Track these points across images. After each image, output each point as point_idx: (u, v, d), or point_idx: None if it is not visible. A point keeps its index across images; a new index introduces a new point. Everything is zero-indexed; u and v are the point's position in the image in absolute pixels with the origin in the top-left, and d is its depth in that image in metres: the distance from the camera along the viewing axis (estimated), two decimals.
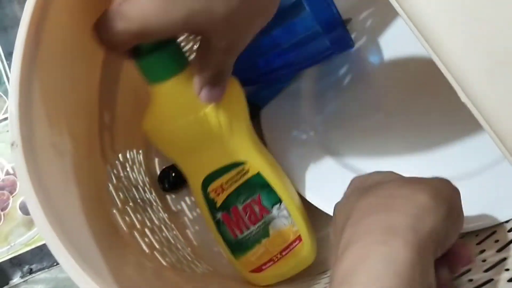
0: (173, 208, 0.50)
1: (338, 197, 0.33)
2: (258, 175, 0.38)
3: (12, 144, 0.25)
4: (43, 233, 0.24)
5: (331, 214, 0.33)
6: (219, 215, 0.39)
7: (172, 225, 0.48)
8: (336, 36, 0.44)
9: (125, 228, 0.35)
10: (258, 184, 0.38)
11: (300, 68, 0.48)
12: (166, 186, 0.48)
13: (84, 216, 0.30)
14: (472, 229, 0.36)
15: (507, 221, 0.35)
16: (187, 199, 0.50)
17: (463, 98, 0.24)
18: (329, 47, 0.44)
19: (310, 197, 0.42)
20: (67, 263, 0.25)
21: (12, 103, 0.25)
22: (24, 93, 0.25)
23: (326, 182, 0.43)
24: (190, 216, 0.50)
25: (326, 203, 0.41)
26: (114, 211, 0.36)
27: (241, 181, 0.38)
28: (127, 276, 0.30)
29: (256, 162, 0.38)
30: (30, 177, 0.25)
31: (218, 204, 0.38)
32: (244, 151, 0.37)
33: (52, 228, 0.25)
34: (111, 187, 0.37)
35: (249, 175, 0.38)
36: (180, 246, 0.45)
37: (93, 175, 0.34)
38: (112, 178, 0.38)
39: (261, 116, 0.49)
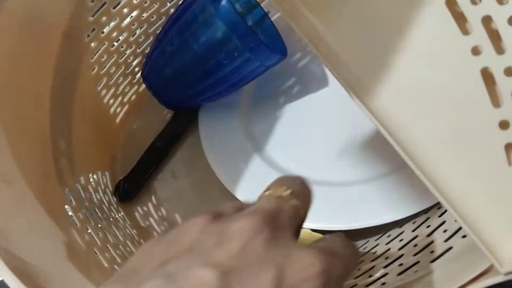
0: (142, 224, 0.52)
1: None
2: None
3: None
4: None
5: None
6: None
7: (141, 240, 0.50)
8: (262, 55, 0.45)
9: (83, 246, 0.38)
10: None
11: (240, 85, 0.49)
12: (122, 193, 0.50)
13: (38, 239, 0.33)
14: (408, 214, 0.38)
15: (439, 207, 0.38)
16: (154, 214, 0.52)
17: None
18: (259, 65, 0.46)
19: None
20: None
21: None
22: None
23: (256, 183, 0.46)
24: (159, 230, 0.52)
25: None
26: (73, 230, 0.38)
27: None
28: None
29: None
30: None
31: None
32: None
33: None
34: (69, 209, 0.40)
35: None
36: None
37: (47, 199, 0.36)
38: (71, 201, 0.41)
39: (199, 117, 0.52)
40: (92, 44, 0.44)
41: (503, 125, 0.24)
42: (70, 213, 0.39)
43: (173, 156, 0.54)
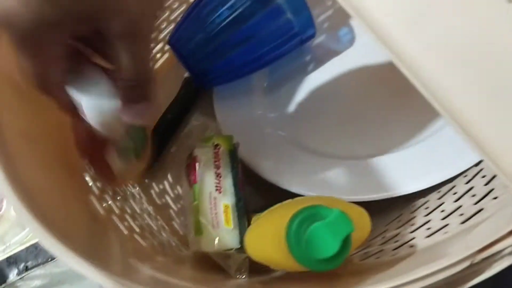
0: (158, 201, 0.52)
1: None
2: None
3: None
4: (23, 219, 0.26)
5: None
6: None
7: (158, 216, 0.50)
8: (303, 20, 0.46)
9: (102, 212, 0.37)
10: None
11: (267, 61, 0.49)
12: None
13: (61, 199, 0.32)
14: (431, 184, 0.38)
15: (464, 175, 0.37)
16: (170, 192, 0.52)
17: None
18: (296, 32, 0.46)
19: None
20: (48, 242, 0.26)
21: None
22: None
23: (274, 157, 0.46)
24: (175, 208, 0.52)
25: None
26: (92, 197, 0.38)
27: None
28: (109, 252, 0.32)
29: None
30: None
31: None
32: None
33: (27, 211, 0.27)
34: (88, 176, 0.39)
35: None
36: (165, 234, 0.47)
37: (66, 164, 0.36)
38: (89, 169, 0.40)
39: (214, 95, 0.51)
40: None
41: None
42: (90, 183, 0.39)
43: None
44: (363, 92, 0.48)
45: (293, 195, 0.42)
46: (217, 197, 0.38)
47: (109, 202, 0.40)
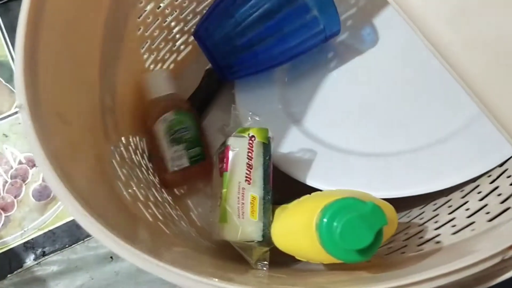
0: (176, 192, 0.52)
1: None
2: None
3: (19, 107, 0.27)
4: (53, 187, 0.27)
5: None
6: None
7: (176, 206, 0.50)
8: (329, 17, 0.46)
9: (128, 198, 0.38)
10: None
11: (291, 56, 0.49)
12: None
13: (91, 182, 0.33)
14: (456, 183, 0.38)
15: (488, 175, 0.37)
16: None
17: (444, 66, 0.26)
18: (322, 29, 0.46)
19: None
20: (87, 222, 0.26)
21: (17, 69, 0.28)
22: (28, 61, 0.28)
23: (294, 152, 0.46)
24: (194, 199, 0.52)
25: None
26: (119, 183, 0.38)
27: None
28: (137, 234, 0.32)
29: None
30: (37, 137, 0.27)
31: None
32: None
33: (61, 181, 0.27)
34: (115, 163, 0.40)
35: None
36: (184, 224, 0.48)
37: (97, 148, 0.36)
38: (115, 156, 0.41)
39: (235, 87, 0.52)
40: (140, 4, 0.44)
41: None
42: (117, 168, 0.39)
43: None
44: (384, 90, 0.48)
45: (308, 189, 0.42)
46: (246, 188, 0.38)
47: (134, 188, 0.40)
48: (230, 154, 0.39)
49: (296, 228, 0.32)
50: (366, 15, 0.53)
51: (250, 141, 0.40)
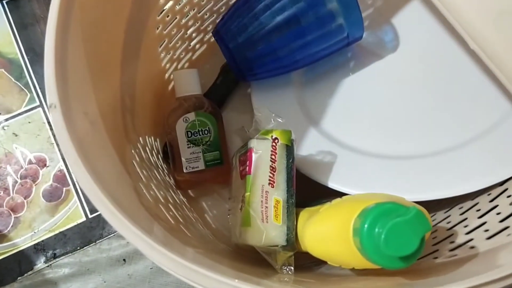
0: (191, 194, 0.51)
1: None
2: None
3: (50, 106, 0.26)
4: (86, 189, 0.26)
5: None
6: None
7: (192, 208, 0.49)
8: (353, 23, 0.45)
9: (151, 200, 0.37)
10: None
11: (313, 60, 0.48)
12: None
13: (117, 183, 0.32)
14: (484, 186, 0.37)
15: None
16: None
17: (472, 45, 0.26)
18: (345, 36, 0.45)
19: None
20: (117, 222, 0.25)
21: (48, 68, 0.27)
22: (59, 59, 0.27)
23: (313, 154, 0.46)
24: (208, 201, 0.51)
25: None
26: (141, 184, 0.37)
27: None
28: (161, 237, 0.31)
29: None
30: (70, 137, 0.26)
31: None
32: None
33: (101, 192, 0.26)
34: (135, 164, 0.39)
35: None
36: (201, 226, 0.47)
37: (120, 149, 0.35)
38: (135, 157, 0.40)
39: (251, 88, 0.51)
40: (161, 1, 0.43)
41: None
42: (137, 170, 0.38)
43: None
44: (405, 92, 0.48)
45: (329, 191, 0.42)
46: (269, 191, 0.37)
47: (154, 189, 0.39)
48: (254, 156, 0.39)
49: (330, 233, 0.31)
50: (385, 15, 0.52)
51: (274, 144, 0.39)
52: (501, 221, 0.33)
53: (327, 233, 0.31)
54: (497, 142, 0.40)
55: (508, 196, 0.36)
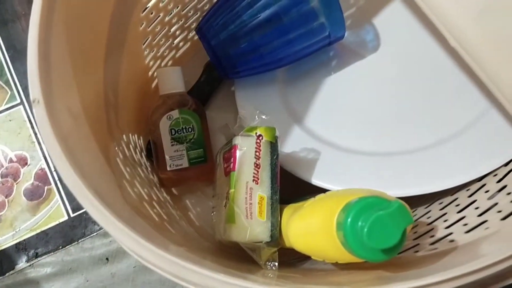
0: (175, 192, 0.51)
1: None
2: None
3: (34, 101, 0.26)
4: (70, 184, 0.26)
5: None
6: None
7: (176, 206, 0.49)
8: (335, 23, 0.46)
9: (135, 197, 0.37)
10: None
11: (295, 59, 0.49)
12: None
13: (103, 181, 0.32)
14: (463, 181, 0.38)
15: (494, 174, 0.38)
16: None
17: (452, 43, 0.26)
18: (327, 35, 0.46)
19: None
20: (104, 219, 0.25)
21: (32, 63, 0.27)
22: (42, 55, 0.27)
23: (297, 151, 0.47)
24: (192, 199, 0.51)
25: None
26: (124, 181, 0.37)
27: None
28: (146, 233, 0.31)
29: None
30: (54, 132, 0.26)
31: None
32: None
33: (85, 188, 0.26)
34: (119, 161, 0.38)
35: None
36: (185, 224, 0.47)
37: (102, 146, 0.35)
38: (119, 154, 0.40)
39: (235, 86, 0.51)
40: None
41: None
42: (121, 167, 0.38)
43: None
44: (387, 89, 0.48)
45: (312, 188, 0.42)
46: (254, 188, 0.38)
47: (138, 187, 0.39)
48: (238, 153, 0.39)
49: (314, 227, 0.31)
50: (366, 13, 0.53)
51: (258, 140, 0.40)
52: (479, 215, 0.34)
53: (311, 227, 0.32)
54: (476, 139, 0.41)
55: (486, 191, 0.37)
